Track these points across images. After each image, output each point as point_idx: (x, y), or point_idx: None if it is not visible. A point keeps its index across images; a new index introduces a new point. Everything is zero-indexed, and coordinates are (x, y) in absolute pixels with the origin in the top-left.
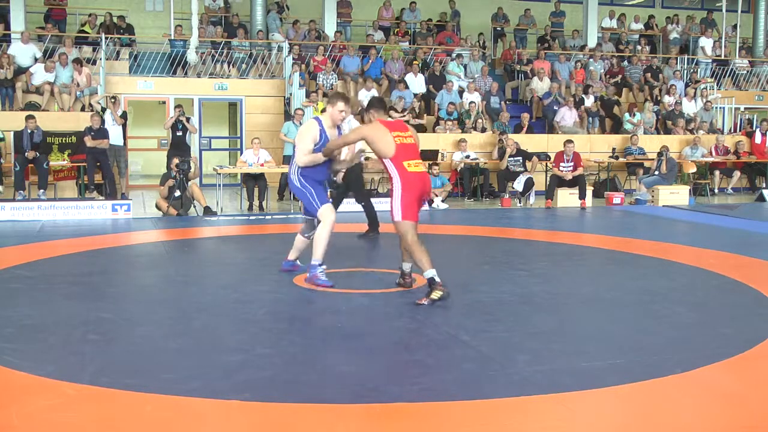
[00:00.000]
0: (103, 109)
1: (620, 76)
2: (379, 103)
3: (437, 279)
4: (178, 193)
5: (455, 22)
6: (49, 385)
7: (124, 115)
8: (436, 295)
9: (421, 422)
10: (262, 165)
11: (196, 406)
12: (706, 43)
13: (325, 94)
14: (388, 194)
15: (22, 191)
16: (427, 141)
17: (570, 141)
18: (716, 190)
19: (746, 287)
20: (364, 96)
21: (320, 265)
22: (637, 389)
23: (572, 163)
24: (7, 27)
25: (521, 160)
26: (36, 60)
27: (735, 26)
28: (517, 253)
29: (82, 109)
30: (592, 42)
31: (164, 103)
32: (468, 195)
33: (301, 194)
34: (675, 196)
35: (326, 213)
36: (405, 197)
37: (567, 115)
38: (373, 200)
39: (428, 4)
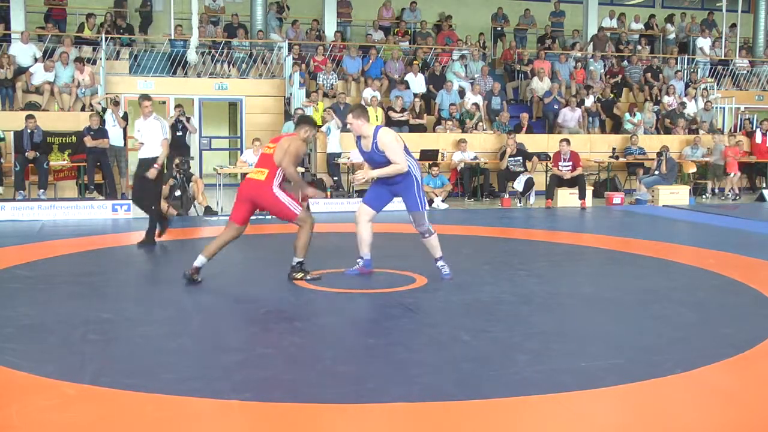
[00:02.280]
0: (104, 110)
1: (620, 76)
2: (303, 120)
3: (197, 266)
4: (178, 193)
5: (450, 23)
6: (49, 385)
7: (125, 117)
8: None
9: (421, 422)
10: None
11: (196, 406)
12: (704, 43)
13: (325, 94)
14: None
15: (22, 191)
16: (427, 141)
17: (564, 140)
18: (716, 190)
19: (746, 287)
20: (369, 95)
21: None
22: (637, 389)
23: (570, 163)
24: (8, 27)
25: (521, 160)
26: (36, 60)
27: (733, 25)
28: (517, 253)
29: (83, 109)
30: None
31: (164, 103)
32: (468, 195)
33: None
34: (675, 196)
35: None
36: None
37: (569, 117)
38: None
39: (428, 4)
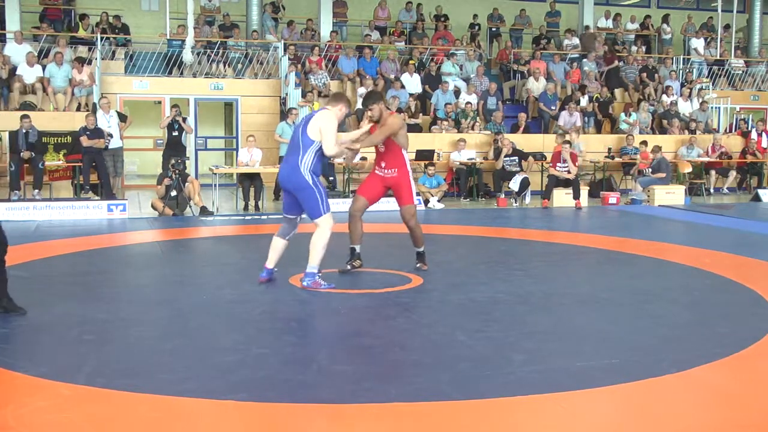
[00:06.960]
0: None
1: (614, 63)
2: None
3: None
4: (174, 193)
5: (445, 24)
6: (45, 386)
7: (123, 119)
8: None
9: (417, 422)
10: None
11: (192, 407)
12: (697, 43)
13: (320, 94)
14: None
15: (17, 191)
16: (423, 141)
17: (567, 142)
18: (712, 190)
19: (741, 287)
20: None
21: (318, 272)
22: (633, 389)
23: (567, 165)
24: (3, 27)
25: (517, 160)
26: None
27: (727, 26)
28: (513, 253)
29: (78, 109)
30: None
31: (160, 102)
32: (464, 195)
33: (309, 193)
34: (671, 195)
35: (328, 220)
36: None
37: (567, 120)
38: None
39: (424, 3)
